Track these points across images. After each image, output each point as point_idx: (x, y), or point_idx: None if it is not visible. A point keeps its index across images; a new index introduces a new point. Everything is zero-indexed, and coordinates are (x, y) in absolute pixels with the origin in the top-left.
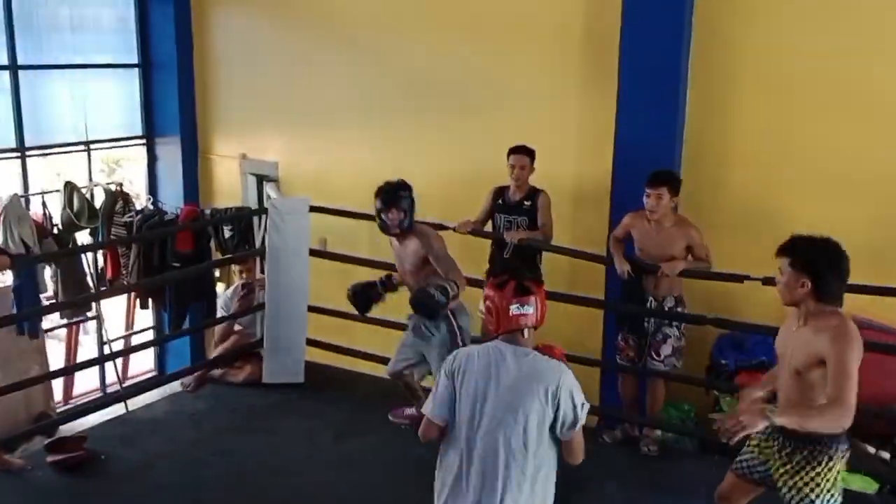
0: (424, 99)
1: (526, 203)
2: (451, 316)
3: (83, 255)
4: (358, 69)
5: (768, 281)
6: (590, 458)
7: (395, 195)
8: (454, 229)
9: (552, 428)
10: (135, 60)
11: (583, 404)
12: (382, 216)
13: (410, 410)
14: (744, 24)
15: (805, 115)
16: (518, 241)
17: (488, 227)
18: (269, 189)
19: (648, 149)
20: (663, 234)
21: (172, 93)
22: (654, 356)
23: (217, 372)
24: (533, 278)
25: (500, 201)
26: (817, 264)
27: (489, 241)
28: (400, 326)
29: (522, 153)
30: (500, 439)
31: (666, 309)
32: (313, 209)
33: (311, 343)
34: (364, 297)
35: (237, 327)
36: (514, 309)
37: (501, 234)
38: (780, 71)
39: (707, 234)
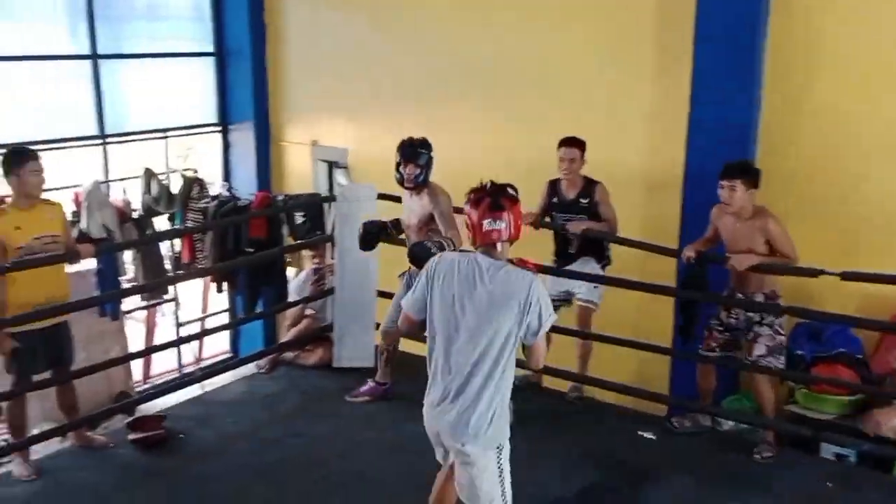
0: (492, 84)
1: (583, 200)
2: None
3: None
4: (426, 55)
5: (847, 276)
6: (659, 447)
7: (414, 151)
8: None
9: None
10: (210, 49)
11: (550, 314)
12: (400, 169)
13: (365, 387)
14: (823, 7)
15: (887, 101)
16: (582, 231)
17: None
18: (338, 175)
19: (724, 136)
20: (742, 228)
21: (246, 81)
22: (748, 357)
23: (289, 355)
24: (508, 195)
25: (554, 199)
26: None
27: (552, 235)
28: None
29: (572, 145)
30: (474, 345)
31: (752, 312)
32: (380, 196)
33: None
34: (373, 235)
35: (308, 311)
36: (486, 224)
37: (562, 226)
38: (860, 56)
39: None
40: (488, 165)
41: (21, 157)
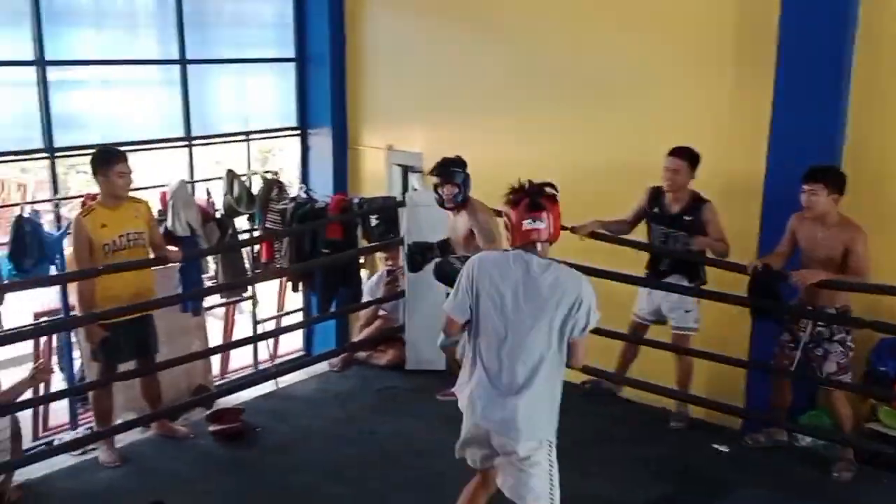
0: (568, 89)
1: (686, 217)
2: None
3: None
4: (502, 60)
5: None
6: (733, 460)
7: (449, 171)
8: (571, 230)
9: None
10: (291, 55)
11: (596, 315)
12: (438, 190)
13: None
14: None
15: None
16: (699, 247)
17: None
18: (413, 180)
19: (806, 144)
20: (824, 236)
21: (325, 86)
22: (819, 373)
23: (362, 354)
24: (547, 195)
25: (655, 209)
26: None
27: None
28: None
29: (676, 156)
30: (527, 342)
31: (822, 325)
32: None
33: None
34: (419, 257)
35: (381, 312)
36: (526, 224)
37: (651, 250)
38: None
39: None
40: (565, 171)
41: (109, 159)
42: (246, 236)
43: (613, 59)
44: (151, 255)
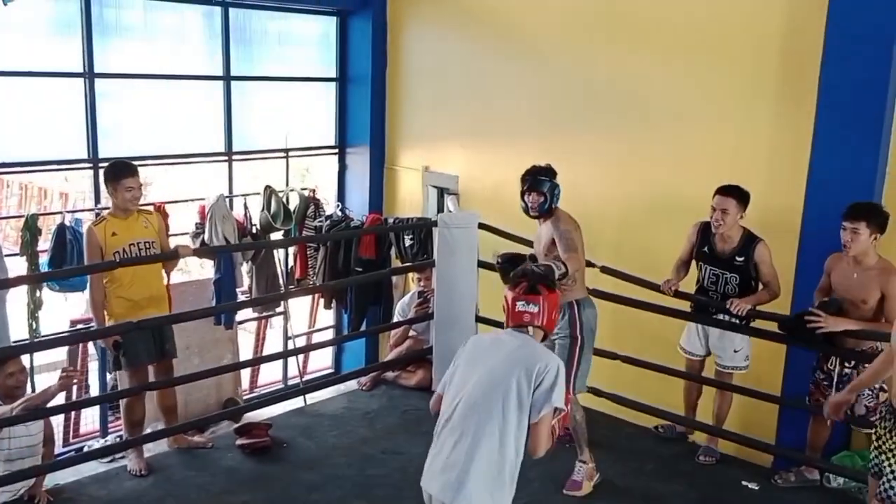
0: (606, 117)
1: (738, 259)
2: (574, 305)
3: (276, 255)
4: (540, 85)
5: None
6: (762, 499)
7: (536, 179)
8: (660, 288)
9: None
10: (333, 74)
11: (559, 394)
12: (525, 198)
13: None
14: None
15: None
16: (745, 313)
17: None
18: (449, 202)
19: (845, 184)
20: (861, 277)
21: (365, 106)
22: (850, 414)
23: (391, 374)
24: (546, 283)
25: (705, 248)
26: None
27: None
28: None
29: (726, 195)
30: (480, 405)
31: (848, 366)
32: (481, 226)
33: None
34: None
35: (412, 333)
36: (520, 305)
37: (723, 303)
38: None
39: None
40: (600, 199)
41: (118, 173)
42: (282, 252)
43: (654, 88)
44: (162, 267)
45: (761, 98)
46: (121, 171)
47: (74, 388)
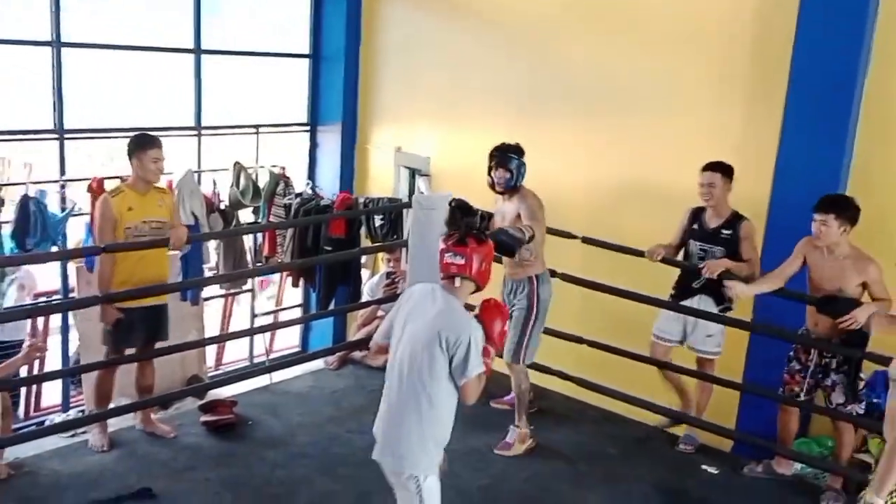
0: (579, 103)
1: (724, 232)
2: (535, 280)
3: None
4: (514, 69)
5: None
6: (721, 482)
7: (505, 155)
8: (644, 255)
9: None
10: (306, 51)
11: (475, 363)
12: (492, 173)
13: (509, 397)
14: None
15: None
16: (717, 276)
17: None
18: (420, 183)
19: (811, 174)
20: (836, 266)
21: (338, 84)
22: (828, 403)
23: (358, 354)
24: (476, 236)
25: (695, 225)
26: None
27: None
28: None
29: (710, 170)
30: (405, 368)
31: (826, 356)
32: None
33: None
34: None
35: (380, 313)
36: (447, 257)
37: (696, 265)
38: None
39: None
40: (576, 185)
41: (145, 143)
42: None
43: (627, 75)
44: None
45: (732, 88)
46: (147, 142)
47: (37, 361)
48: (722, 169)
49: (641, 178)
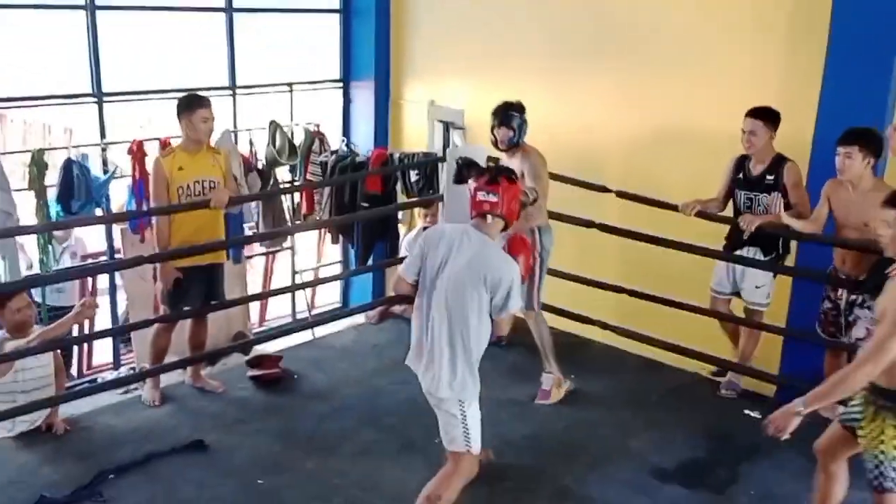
0: (614, 50)
1: (768, 177)
2: (536, 230)
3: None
4: (549, 17)
5: None
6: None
7: (507, 114)
8: (679, 209)
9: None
10: (336, 6)
11: (515, 301)
12: (494, 132)
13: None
14: None
15: None
16: (756, 229)
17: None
18: (455, 136)
19: (855, 115)
20: (861, 201)
21: (369, 38)
22: (848, 338)
23: (398, 308)
24: (508, 176)
25: (740, 174)
26: None
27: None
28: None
29: (751, 116)
30: (449, 305)
31: (856, 294)
32: (489, 159)
33: None
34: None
35: None
36: (480, 195)
37: (735, 219)
38: None
39: None
40: (609, 135)
41: (193, 103)
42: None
43: (663, 19)
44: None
45: (772, 28)
46: (195, 102)
47: (86, 322)
48: (764, 116)
49: (680, 125)
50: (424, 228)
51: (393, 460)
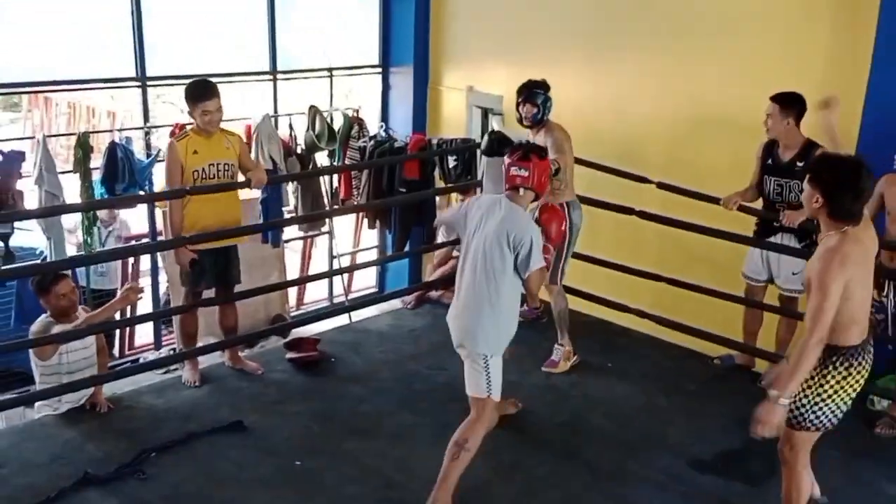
0: (652, 32)
1: (799, 164)
2: (565, 206)
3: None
4: (587, 1)
5: None
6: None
7: (532, 92)
8: (720, 203)
9: (514, 266)
10: None
11: (537, 258)
12: (520, 109)
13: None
14: None
15: None
16: (797, 225)
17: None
18: (493, 122)
19: None
20: None
21: (409, 24)
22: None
23: (435, 293)
24: (538, 152)
25: (769, 160)
26: (828, 183)
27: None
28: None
29: (772, 101)
30: (479, 264)
31: None
32: None
33: None
34: (497, 145)
35: (455, 253)
36: (513, 170)
37: (775, 201)
38: None
39: None
40: (650, 117)
41: (197, 96)
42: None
43: (708, 5)
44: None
45: (818, 14)
46: (199, 94)
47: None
48: (778, 99)
49: (721, 113)
50: None
51: (428, 444)
